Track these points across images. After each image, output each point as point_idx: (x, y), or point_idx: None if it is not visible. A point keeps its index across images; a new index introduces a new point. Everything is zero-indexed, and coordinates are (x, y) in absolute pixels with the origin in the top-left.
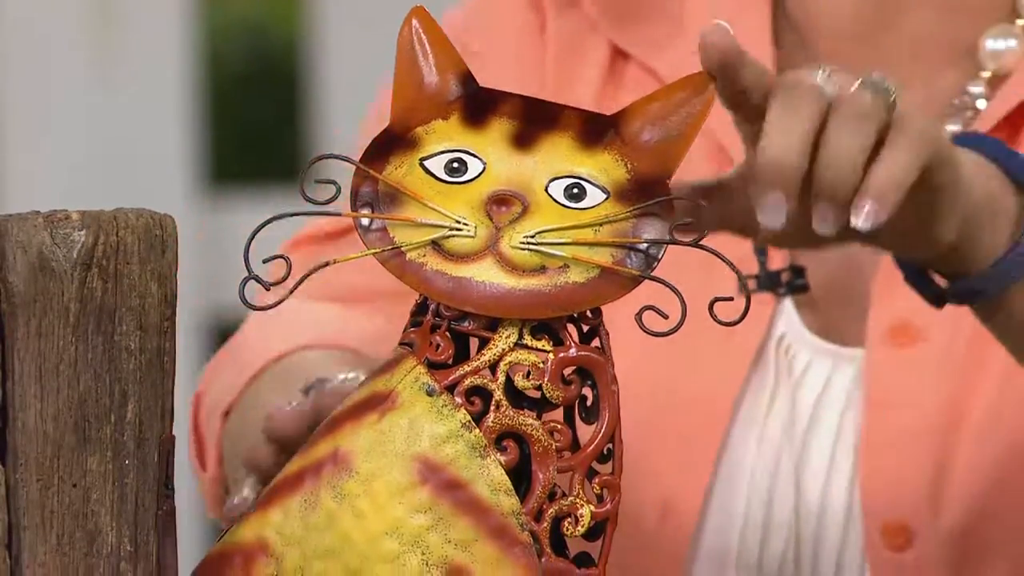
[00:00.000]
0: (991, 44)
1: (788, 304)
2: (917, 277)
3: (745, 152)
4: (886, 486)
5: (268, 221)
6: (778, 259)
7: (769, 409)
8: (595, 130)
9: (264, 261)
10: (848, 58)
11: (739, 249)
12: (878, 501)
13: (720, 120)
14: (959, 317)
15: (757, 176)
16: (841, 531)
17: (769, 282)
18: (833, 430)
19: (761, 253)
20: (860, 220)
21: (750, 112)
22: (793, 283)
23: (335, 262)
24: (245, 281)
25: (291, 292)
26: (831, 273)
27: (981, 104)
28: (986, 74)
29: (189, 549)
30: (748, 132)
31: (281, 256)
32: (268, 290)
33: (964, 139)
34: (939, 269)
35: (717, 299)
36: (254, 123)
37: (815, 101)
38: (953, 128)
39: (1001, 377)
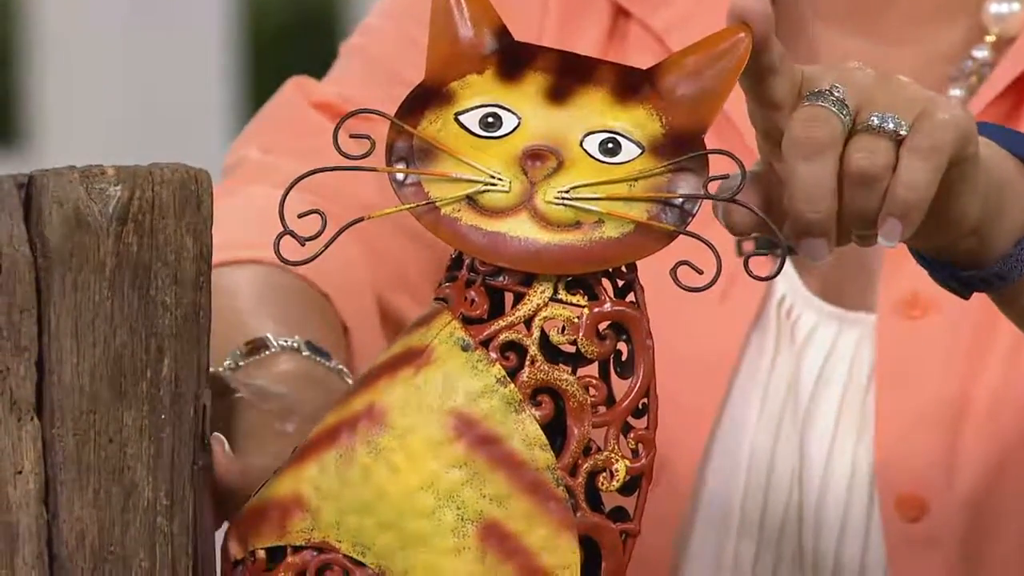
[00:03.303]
0: (995, 8)
1: (787, 266)
2: (939, 270)
3: (758, 144)
4: (901, 460)
5: (303, 176)
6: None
7: (771, 371)
8: (630, 84)
9: (300, 216)
10: (847, 21)
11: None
12: (893, 474)
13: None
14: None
15: (793, 223)
16: (845, 494)
17: (767, 244)
18: (839, 394)
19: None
20: (884, 238)
21: (765, 97)
22: (791, 245)
23: (369, 218)
24: (280, 236)
25: (325, 248)
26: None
27: (986, 70)
28: (990, 38)
29: None
30: (762, 123)
31: (316, 211)
32: (303, 245)
33: None
34: (959, 258)
35: (751, 254)
36: (294, 75)
37: (832, 143)
38: (956, 93)
39: (1011, 349)
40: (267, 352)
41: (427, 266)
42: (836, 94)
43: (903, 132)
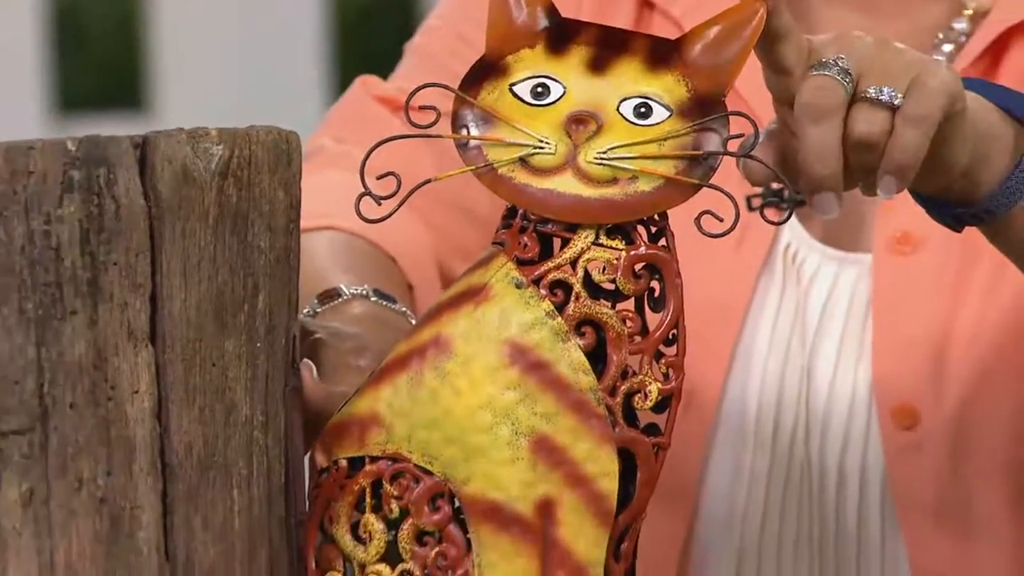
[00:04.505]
0: None
1: (792, 217)
2: (935, 208)
3: (775, 107)
4: (895, 377)
5: (380, 143)
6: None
7: (779, 307)
8: (660, 54)
9: (378, 178)
10: None
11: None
12: (889, 389)
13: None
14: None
15: (806, 179)
16: (847, 409)
17: (773, 197)
18: (841, 325)
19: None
20: (883, 191)
21: (776, 63)
22: (794, 198)
23: (437, 179)
24: (360, 196)
25: (399, 207)
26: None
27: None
28: (968, 12)
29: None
30: (776, 88)
31: (391, 173)
32: (379, 204)
33: None
34: (952, 197)
35: (766, 204)
36: (377, 54)
37: (837, 108)
38: (939, 59)
39: (991, 280)
40: (340, 299)
41: (480, 241)
42: (840, 64)
43: (897, 103)
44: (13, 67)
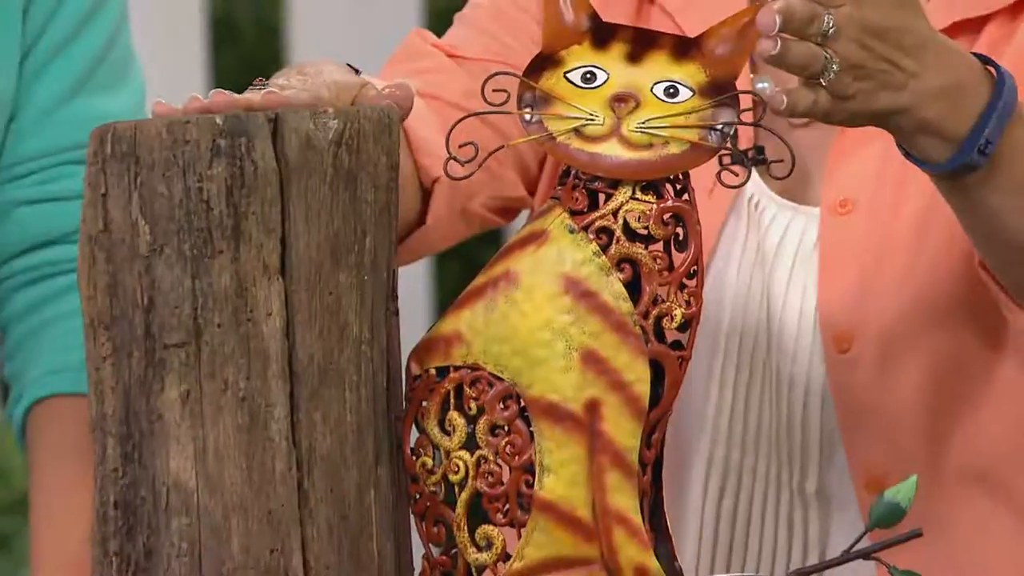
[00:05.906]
0: None
1: (755, 174)
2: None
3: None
4: (835, 311)
5: (462, 119)
6: (744, 141)
7: (745, 242)
8: (684, 48)
9: (460, 146)
10: None
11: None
12: (830, 320)
13: None
14: (881, 194)
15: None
16: (795, 332)
17: (739, 157)
18: (792, 256)
19: (732, 137)
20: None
21: None
22: (757, 158)
23: (508, 146)
24: (447, 160)
25: (479, 167)
26: (784, 153)
27: None
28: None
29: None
30: None
31: (470, 143)
32: (463, 166)
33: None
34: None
35: (772, 162)
36: None
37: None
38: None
39: (913, 237)
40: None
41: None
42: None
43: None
44: (180, 61)
